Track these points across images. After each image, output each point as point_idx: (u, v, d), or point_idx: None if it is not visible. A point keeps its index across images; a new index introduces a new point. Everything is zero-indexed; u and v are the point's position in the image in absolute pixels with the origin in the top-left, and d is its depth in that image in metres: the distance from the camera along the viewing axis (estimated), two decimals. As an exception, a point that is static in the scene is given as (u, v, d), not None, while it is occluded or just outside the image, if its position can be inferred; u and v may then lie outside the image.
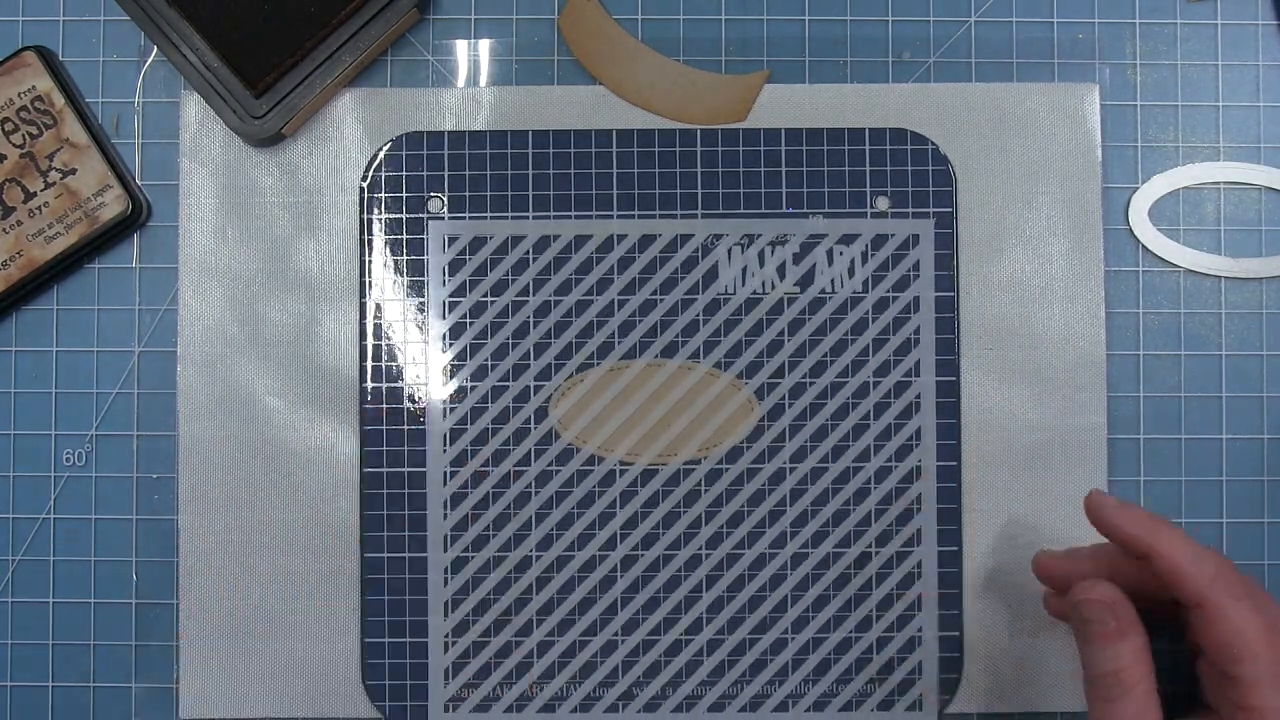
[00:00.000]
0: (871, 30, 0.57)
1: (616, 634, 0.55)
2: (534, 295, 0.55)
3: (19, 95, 0.55)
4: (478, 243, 0.56)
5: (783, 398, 0.55)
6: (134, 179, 0.56)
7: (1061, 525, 0.55)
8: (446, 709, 0.55)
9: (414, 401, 0.55)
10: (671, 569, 0.55)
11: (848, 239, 0.56)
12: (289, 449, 0.56)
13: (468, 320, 0.55)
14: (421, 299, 0.56)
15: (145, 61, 0.56)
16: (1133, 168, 0.57)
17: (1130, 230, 0.56)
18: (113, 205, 0.55)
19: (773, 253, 0.56)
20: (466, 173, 0.56)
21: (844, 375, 0.55)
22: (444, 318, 0.56)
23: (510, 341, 0.55)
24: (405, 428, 0.55)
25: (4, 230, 0.54)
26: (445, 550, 0.55)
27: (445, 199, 0.56)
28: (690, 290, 0.56)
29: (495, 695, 0.55)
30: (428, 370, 0.55)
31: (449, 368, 0.55)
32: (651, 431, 0.55)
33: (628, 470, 0.55)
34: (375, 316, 0.56)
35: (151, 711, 0.56)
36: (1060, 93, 0.56)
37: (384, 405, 0.55)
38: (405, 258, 0.56)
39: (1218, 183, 0.57)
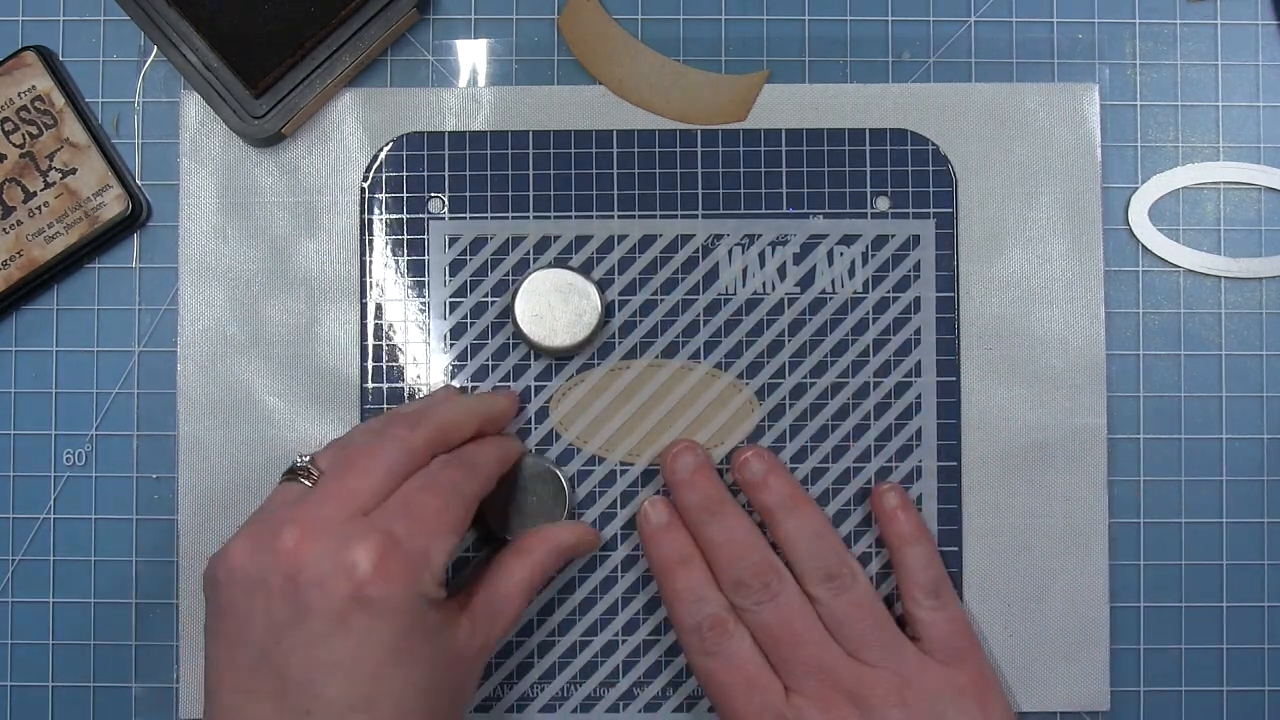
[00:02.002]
0: (871, 30, 0.57)
1: (617, 634, 0.55)
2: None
3: (19, 95, 0.55)
4: (478, 243, 0.56)
5: (783, 398, 0.55)
6: (134, 179, 0.56)
7: (1061, 525, 0.55)
8: (447, 709, 0.55)
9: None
10: (672, 569, 0.55)
11: (848, 239, 0.56)
12: (289, 449, 0.55)
13: (469, 321, 0.55)
14: (422, 299, 0.56)
15: (145, 61, 0.56)
16: (1132, 168, 0.57)
17: (1130, 230, 0.56)
18: (113, 205, 0.55)
19: (773, 253, 0.56)
20: (467, 173, 0.56)
21: (845, 376, 0.55)
22: (445, 318, 0.55)
23: (511, 342, 0.55)
24: (405, 428, 0.55)
25: (4, 230, 0.54)
26: (446, 550, 0.55)
27: (446, 199, 0.56)
28: (691, 291, 0.56)
29: (496, 695, 0.55)
30: (429, 371, 0.55)
31: (450, 368, 0.55)
32: (652, 432, 0.55)
33: (628, 470, 0.55)
34: (376, 317, 0.56)
35: (151, 711, 0.56)
36: (1060, 93, 0.56)
37: (384, 405, 0.55)
38: (406, 258, 0.56)
39: (1217, 183, 0.57)
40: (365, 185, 0.56)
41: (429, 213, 0.56)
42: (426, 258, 0.56)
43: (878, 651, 0.51)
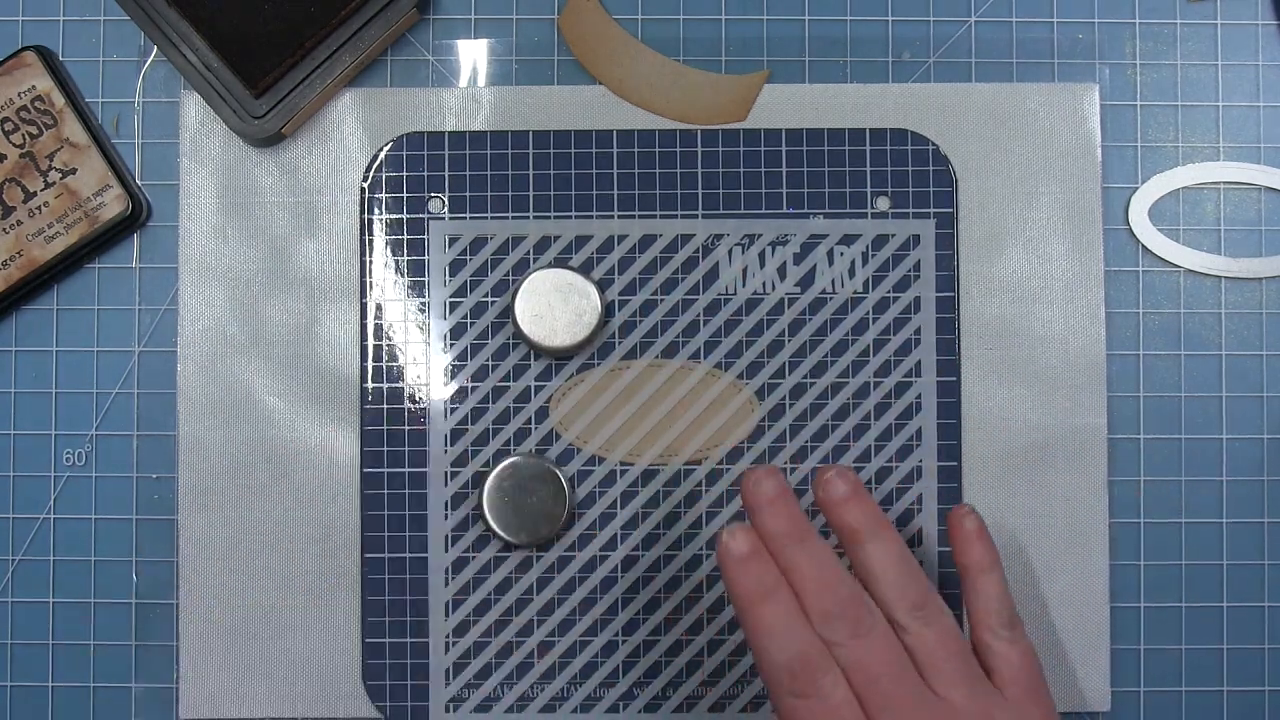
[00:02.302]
0: (871, 30, 0.57)
1: (617, 634, 0.55)
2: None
3: (19, 95, 0.55)
4: (478, 243, 0.56)
5: (783, 398, 0.55)
6: (134, 179, 0.56)
7: (1061, 525, 0.55)
8: (447, 709, 0.55)
9: (414, 402, 0.55)
10: (672, 569, 0.55)
11: (848, 239, 0.56)
12: (289, 449, 0.56)
13: (469, 321, 0.55)
14: (422, 299, 0.56)
15: (145, 61, 0.56)
16: (1132, 168, 0.57)
17: (1130, 230, 0.56)
18: (113, 205, 0.55)
19: (773, 253, 0.56)
20: (467, 173, 0.56)
21: (845, 375, 0.55)
22: (445, 318, 0.55)
23: (511, 342, 0.55)
24: (405, 428, 0.55)
25: (4, 230, 0.54)
26: (446, 550, 0.55)
27: (446, 199, 0.56)
28: (691, 290, 0.56)
29: (496, 695, 0.55)
30: (428, 371, 0.55)
31: (450, 368, 0.55)
32: (652, 432, 0.55)
33: (628, 470, 0.55)
34: (376, 317, 0.56)
35: (151, 711, 0.56)
36: (1060, 93, 0.56)
37: (384, 405, 0.55)
38: (406, 258, 0.56)
39: (1218, 183, 0.57)
40: (365, 185, 0.56)
41: (429, 213, 0.56)
42: (426, 258, 0.56)
43: (964, 689, 0.47)
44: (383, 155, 0.56)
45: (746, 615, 0.47)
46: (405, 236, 0.56)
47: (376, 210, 0.56)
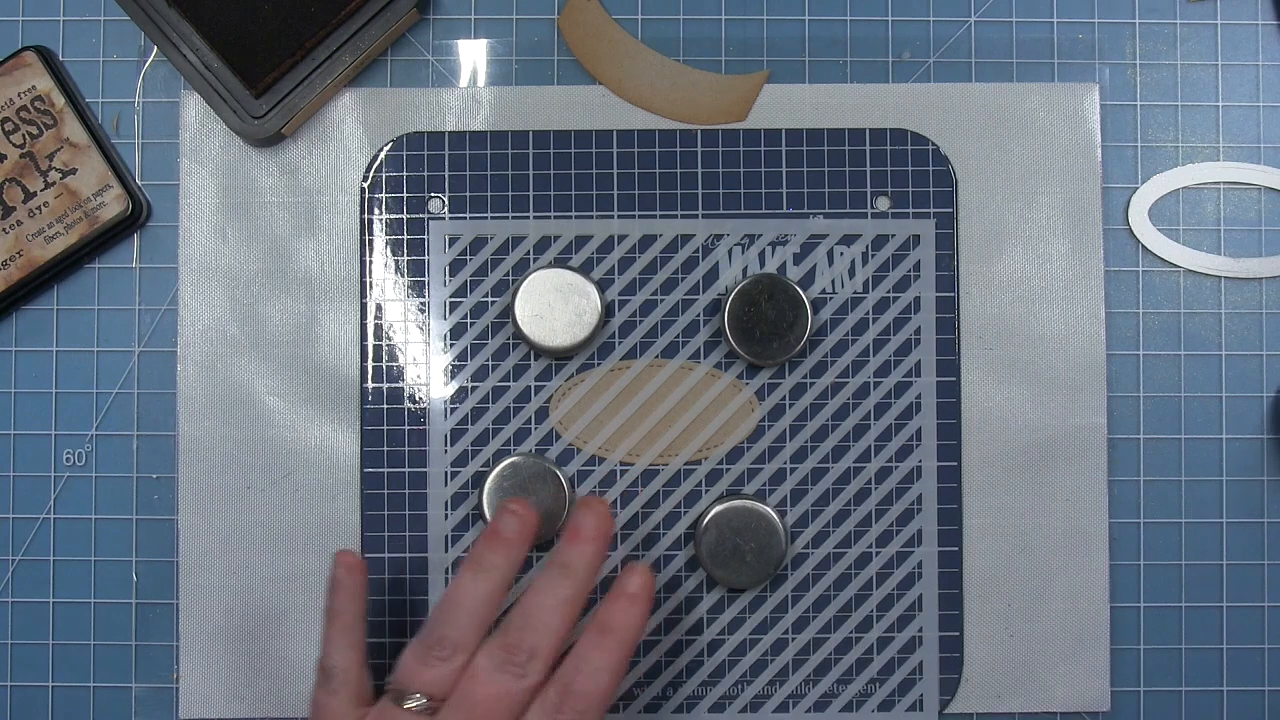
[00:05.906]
0: (871, 30, 0.57)
1: (617, 634, 0.55)
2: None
3: (19, 95, 0.55)
4: (478, 243, 0.56)
5: (783, 398, 0.55)
6: (134, 179, 0.56)
7: (1061, 525, 0.55)
8: (447, 709, 0.55)
9: (414, 402, 0.55)
10: (672, 569, 0.55)
11: (848, 239, 0.56)
12: (289, 449, 0.56)
13: (468, 321, 0.55)
14: (422, 299, 0.56)
15: (145, 61, 0.56)
16: (1132, 168, 0.57)
17: (1130, 230, 0.56)
18: (113, 205, 0.55)
19: (773, 253, 0.56)
20: (467, 173, 0.56)
21: (844, 376, 0.55)
22: (445, 318, 0.56)
23: (511, 342, 0.55)
24: (405, 428, 0.55)
25: (4, 230, 0.54)
26: (445, 550, 0.55)
27: (446, 199, 0.56)
28: (691, 291, 0.56)
29: (496, 695, 0.55)
30: (428, 370, 0.55)
31: (449, 368, 0.55)
32: (652, 432, 0.55)
33: (628, 471, 0.55)
34: (376, 317, 0.56)
35: (151, 711, 0.56)
36: (1060, 93, 0.56)
37: (384, 405, 0.55)
38: (406, 258, 0.56)
39: (1218, 183, 0.57)
40: (365, 185, 0.56)
41: (429, 213, 0.56)
42: (426, 258, 0.56)
43: None
44: (383, 155, 0.56)
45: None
46: (405, 236, 0.56)
47: (376, 210, 0.56)
